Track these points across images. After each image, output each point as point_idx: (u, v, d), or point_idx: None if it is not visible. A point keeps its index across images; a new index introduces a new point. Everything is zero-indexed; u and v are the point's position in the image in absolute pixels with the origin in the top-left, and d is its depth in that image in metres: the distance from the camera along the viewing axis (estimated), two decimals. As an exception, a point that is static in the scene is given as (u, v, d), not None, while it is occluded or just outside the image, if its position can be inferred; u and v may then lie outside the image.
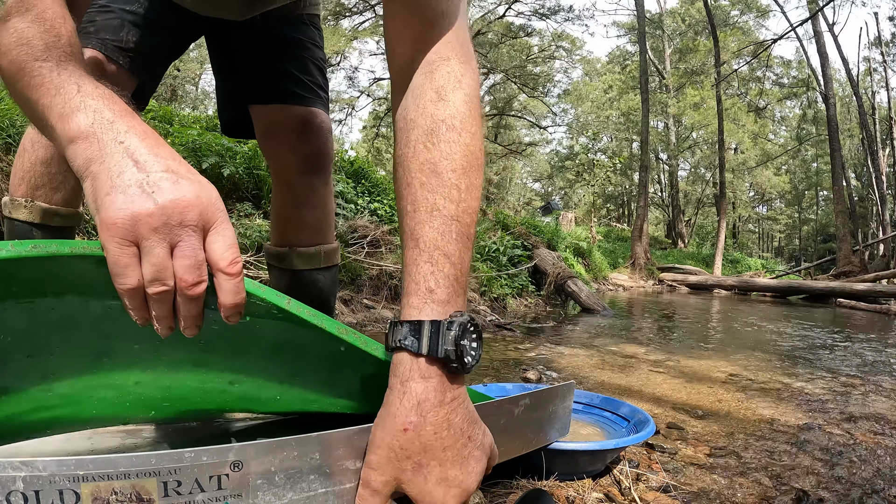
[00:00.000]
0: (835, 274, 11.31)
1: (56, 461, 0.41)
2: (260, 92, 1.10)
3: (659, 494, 0.91)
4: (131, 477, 0.43)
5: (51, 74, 0.49)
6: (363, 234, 3.70)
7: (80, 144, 0.45)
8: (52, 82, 0.48)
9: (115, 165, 0.44)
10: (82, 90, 0.48)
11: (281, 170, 1.13)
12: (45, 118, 0.48)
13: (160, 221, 0.43)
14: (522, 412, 0.73)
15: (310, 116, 1.10)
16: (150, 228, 0.43)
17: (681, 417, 1.43)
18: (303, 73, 1.10)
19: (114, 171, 0.44)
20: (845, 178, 14.22)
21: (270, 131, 1.11)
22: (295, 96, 1.09)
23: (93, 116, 0.46)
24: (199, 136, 3.55)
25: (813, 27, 13.21)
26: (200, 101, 24.71)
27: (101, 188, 0.43)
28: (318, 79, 1.13)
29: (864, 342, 3.14)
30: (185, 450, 0.45)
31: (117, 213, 0.42)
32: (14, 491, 0.40)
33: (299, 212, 1.13)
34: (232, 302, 0.46)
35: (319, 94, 1.13)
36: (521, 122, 24.35)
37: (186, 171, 0.46)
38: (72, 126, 0.46)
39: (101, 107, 0.47)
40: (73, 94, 0.47)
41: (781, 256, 34.16)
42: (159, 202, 0.43)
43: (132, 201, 0.43)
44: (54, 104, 0.47)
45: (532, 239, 5.57)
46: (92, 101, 0.47)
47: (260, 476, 0.48)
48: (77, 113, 0.46)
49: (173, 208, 0.43)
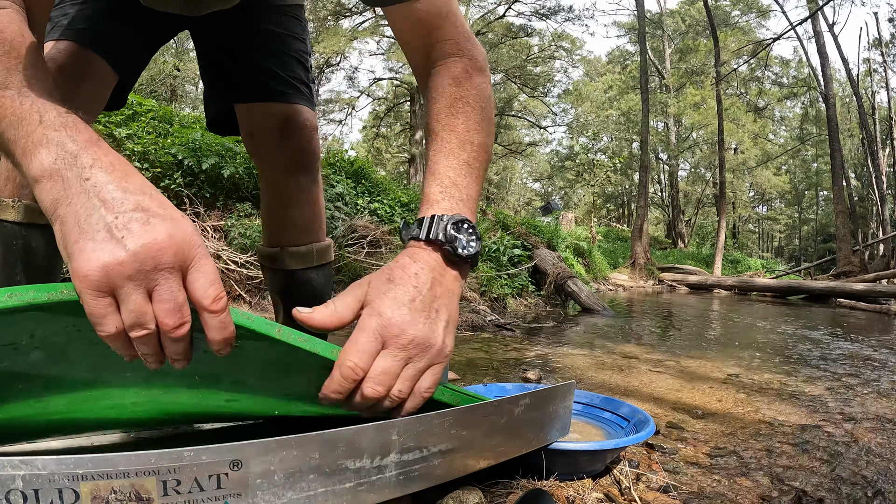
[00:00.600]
0: (835, 274, 11.31)
1: (55, 460, 0.41)
2: (239, 90, 1.07)
3: (659, 494, 0.91)
4: (130, 476, 0.42)
5: (13, 104, 0.46)
6: (363, 234, 3.70)
7: (46, 184, 0.43)
8: (14, 112, 0.46)
9: (82, 207, 0.42)
10: (44, 120, 0.45)
11: (267, 169, 1.10)
12: (10, 152, 0.46)
13: (133, 269, 0.41)
14: (523, 412, 0.73)
15: (292, 114, 1.06)
16: (123, 277, 0.41)
17: (681, 417, 1.43)
18: (281, 69, 1.06)
19: (81, 215, 0.42)
20: (845, 178, 14.21)
21: (253, 132, 1.08)
22: (274, 93, 1.05)
23: (55, 152, 0.44)
24: (200, 137, 3.55)
25: (813, 27, 13.21)
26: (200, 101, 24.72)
27: (70, 235, 0.42)
28: (298, 73, 1.08)
29: (865, 342, 3.14)
30: (184, 449, 0.44)
31: (87, 265, 0.40)
32: (13, 489, 0.40)
33: (288, 211, 1.11)
34: (220, 337, 0.46)
35: (301, 89, 1.08)
36: (522, 122, 24.34)
37: (158, 207, 0.44)
38: (35, 164, 0.44)
39: (63, 139, 0.45)
40: (35, 125, 0.45)
41: (781, 256, 34.17)
42: (130, 249, 0.41)
43: (102, 249, 0.41)
44: (18, 138, 0.45)
45: (532, 239, 5.57)
46: (55, 132, 0.45)
47: (259, 475, 0.48)
48: (40, 149, 0.44)
49: (146, 253, 0.41)
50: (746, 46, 18.79)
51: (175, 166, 3.36)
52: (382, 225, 3.89)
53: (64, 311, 0.44)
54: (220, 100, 1.11)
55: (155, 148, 3.29)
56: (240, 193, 3.69)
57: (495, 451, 0.72)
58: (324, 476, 0.51)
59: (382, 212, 4.17)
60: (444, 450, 0.63)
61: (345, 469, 0.53)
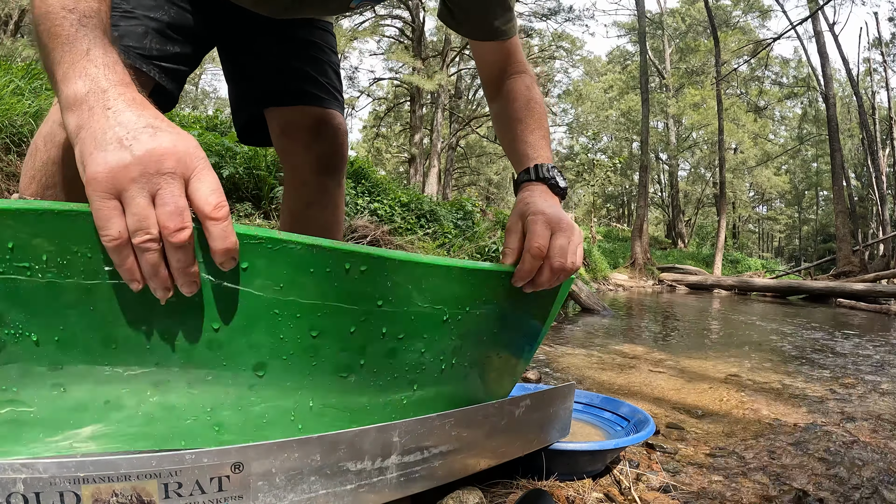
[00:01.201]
0: (835, 274, 11.31)
1: (56, 462, 0.41)
2: (277, 94, 1.11)
3: (659, 494, 0.91)
4: (132, 479, 0.43)
5: (70, 28, 0.50)
6: (363, 234, 3.70)
7: (75, 111, 0.47)
8: (68, 37, 0.50)
9: (100, 128, 0.45)
10: (90, 54, 0.49)
11: (295, 168, 1.14)
12: (52, 72, 0.50)
13: (137, 171, 0.44)
14: (523, 413, 0.73)
15: (326, 117, 1.11)
16: (128, 179, 0.44)
17: (681, 417, 1.43)
18: (320, 75, 1.12)
19: (98, 133, 0.45)
20: (845, 178, 14.21)
21: (286, 130, 1.12)
22: (311, 96, 1.10)
23: (90, 85, 0.48)
24: (200, 137, 3.55)
25: (813, 26, 13.21)
26: (200, 101, 24.70)
27: (86, 149, 0.45)
28: (334, 82, 1.15)
29: (864, 342, 3.14)
30: (185, 451, 0.45)
31: (96, 168, 0.44)
32: (14, 493, 0.40)
33: (310, 211, 1.14)
34: (222, 247, 0.47)
35: (336, 96, 1.14)
36: (521, 122, 24.32)
37: (167, 126, 0.47)
38: (69, 90, 0.48)
39: (99, 75, 0.49)
40: (81, 56, 0.49)
41: (781, 256, 34.17)
42: (136, 153, 0.44)
43: (110, 155, 0.44)
44: (63, 61, 0.49)
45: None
46: (94, 68, 0.49)
47: (261, 477, 0.48)
48: (77, 80, 0.48)
49: (149, 157, 0.44)
50: (747, 46, 18.79)
51: (175, 166, 3.36)
52: (382, 225, 3.89)
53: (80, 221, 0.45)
54: (254, 104, 1.14)
55: (155, 148, 3.29)
56: (240, 193, 3.69)
57: (496, 451, 0.72)
58: (325, 478, 0.52)
59: (382, 212, 4.17)
60: (445, 451, 0.63)
61: (346, 471, 0.53)
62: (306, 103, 1.10)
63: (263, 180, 3.65)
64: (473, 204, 5.70)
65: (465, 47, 18.16)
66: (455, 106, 19.90)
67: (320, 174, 1.12)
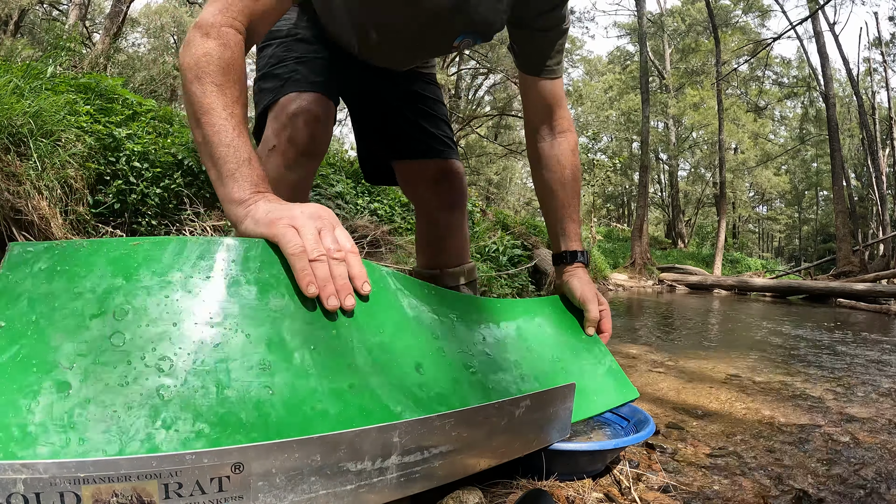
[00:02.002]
0: (835, 274, 11.31)
1: (57, 463, 0.41)
2: (405, 150, 1.29)
3: (659, 494, 0.91)
4: (132, 479, 0.43)
5: (233, 133, 0.68)
6: (363, 234, 3.70)
7: (241, 206, 0.67)
8: (231, 142, 0.68)
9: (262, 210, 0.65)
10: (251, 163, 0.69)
11: (424, 208, 1.34)
12: (213, 164, 0.68)
13: (307, 216, 0.64)
14: (523, 413, 0.73)
15: (447, 166, 1.29)
16: (303, 219, 0.63)
17: (681, 417, 1.43)
18: (436, 129, 1.29)
19: (260, 213, 0.65)
20: (845, 178, 14.21)
21: (412, 181, 1.31)
22: (433, 151, 1.28)
23: (251, 189, 0.68)
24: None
25: (813, 26, 13.20)
26: (200, 100, 24.67)
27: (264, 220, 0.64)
28: (447, 132, 1.32)
29: (864, 342, 3.14)
30: (185, 452, 0.45)
31: (276, 215, 0.64)
32: (14, 493, 0.40)
33: (443, 241, 1.34)
34: (359, 271, 0.65)
35: (451, 145, 1.32)
36: (521, 122, 24.34)
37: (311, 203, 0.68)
38: (237, 193, 0.67)
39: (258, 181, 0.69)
40: (244, 163, 0.68)
41: (781, 256, 34.17)
42: (304, 210, 0.65)
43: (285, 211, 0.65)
44: (227, 161, 0.67)
45: (532, 239, 5.57)
46: (255, 175, 0.68)
47: (261, 478, 0.48)
48: (244, 182, 0.68)
49: (313, 211, 0.65)
50: (747, 46, 18.78)
51: (175, 166, 3.36)
52: (382, 225, 3.89)
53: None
54: (381, 157, 1.33)
55: (155, 148, 3.28)
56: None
57: (496, 452, 0.72)
58: (325, 478, 0.52)
59: (382, 212, 4.17)
60: (446, 451, 0.63)
61: (346, 471, 0.53)
62: (429, 157, 1.27)
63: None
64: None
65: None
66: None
67: (447, 211, 1.31)
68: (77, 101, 3.20)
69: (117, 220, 3.11)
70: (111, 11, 8.06)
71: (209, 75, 0.69)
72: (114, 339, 0.50)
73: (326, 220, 0.65)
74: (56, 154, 2.67)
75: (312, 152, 1.03)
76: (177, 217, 3.32)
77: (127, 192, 3.09)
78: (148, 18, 20.74)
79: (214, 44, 0.71)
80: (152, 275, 0.55)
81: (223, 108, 0.68)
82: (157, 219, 3.22)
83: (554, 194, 1.10)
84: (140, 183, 3.15)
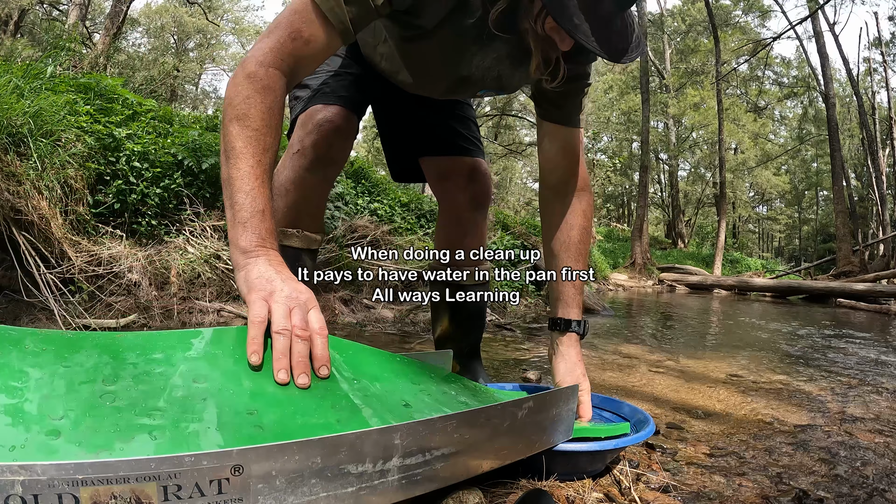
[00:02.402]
0: (835, 274, 11.31)
1: (55, 465, 0.41)
2: (435, 147, 1.34)
3: (659, 494, 0.91)
4: (131, 481, 0.42)
5: (256, 182, 0.73)
6: (363, 234, 3.70)
7: (245, 255, 0.72)
8: (252, 189, 0.73)
9: (258, 271, 0.72)
10: (264, 215, 0.74)
11: (451, 207, 1.37)
12: (231, 207, 0.74)
13: (283, 296, 0.69)
14: (526, 415, 0.73)
15: (476, 165, 1.34)
16: (280, 298, 0.69)
17: (681, 417, 1.43)
18: (466, 130, 1.35)
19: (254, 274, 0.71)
20: (845, 178, 14.20)
21: (444, 176, 1.36)
22: (464, 149, 1.34)
23: (257, 241, 0.73)
24: (200, 137, 3.55)
25: (813, 26, 13.20)
26: (200, 100, 24.69)
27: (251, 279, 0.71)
28: (476, 134, 1.39)
29: (864, 342, 3.14)
30: (185, 454, 0.44)
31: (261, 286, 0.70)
32: (13, 495, 0.39)
33: (464, 240, 1.38)
34: (321, 353, 0.68)
35: (479, 146, 1.38)
36: (522, 122, 24.31)
37: (295, 281, 0.72)
38: (243, 239, 0.73)
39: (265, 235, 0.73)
40: (257, 213, 0.73)
41: (781, 256, 34.15)
42: (284, 291, 0.70)
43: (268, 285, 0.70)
44: (244, 208, 0.73)
45: (532, 239, 5.56)
46: (264, 229, 0.74)
47: (261, 480, 0.47)
48: (251, 233, 0.73)
49: (291, 292, 0.70)
50: (747, 46, 18.77)
51: (175, 166, 3.36)
52: (382, 225, 3.88)
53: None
54: (410, 156, 1.39)
55: (155, 148, 3.28)
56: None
57: (498, 454, 0.72)
58: (326, 480, 0.51)
59: (382, 212, 4.17)
60: (448, 453, 0.63)
61: (347, 473, 0.53)
62: (461, 154, 1.33)
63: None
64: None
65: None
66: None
67: (473, 210, 1.36)
68: (77, 101, 3.20)
69: (117, 220, 3.11)
70: (111, 11, 8.05)
71: (248, 119, 0.74)
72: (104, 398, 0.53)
73: (302, 301, 0.70)
74: (56, 154, 2.67)
75: (331, 159, 1.14)
76: (177, 217, 3.32)
77: (127, 192, 3.09)
78: (148, 18, 20.73)
79: (259, 87, 0.76)
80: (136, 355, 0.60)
81: (252, 155, 0.74)
82: (157, 219, 3.22)
83: (557, 257, 1.10)
84: (140, 183, 3.15)
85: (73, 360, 0.55)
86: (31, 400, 0.50)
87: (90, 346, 0.59)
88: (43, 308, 2.41)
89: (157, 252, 3.02)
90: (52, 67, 3.28)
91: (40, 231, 2.50)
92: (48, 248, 2.54)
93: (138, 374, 0.57)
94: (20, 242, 2.41)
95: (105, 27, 8.12)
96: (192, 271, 3.00)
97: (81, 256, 2.70)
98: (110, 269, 2.76)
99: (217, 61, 24.23)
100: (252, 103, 0.75)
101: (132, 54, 13.05)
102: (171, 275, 2.92)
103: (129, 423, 0.51)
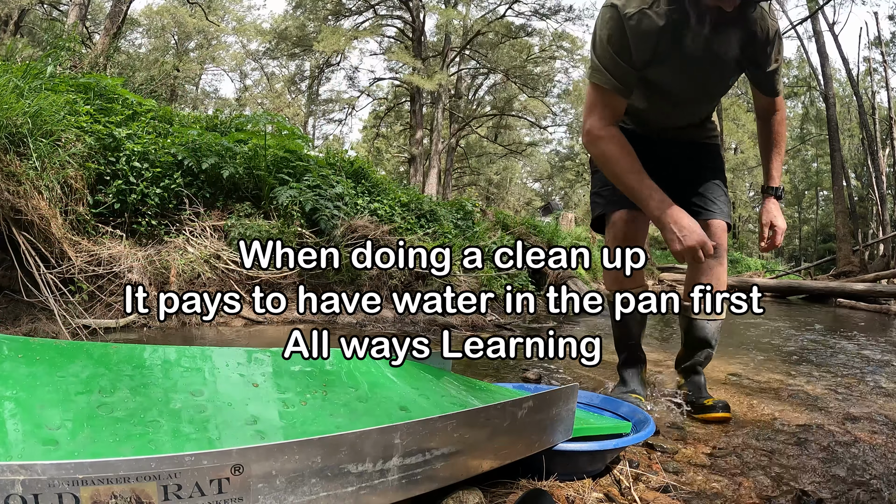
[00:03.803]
0: (835, 274, 11.30)
1: (55, 464, 0.41)
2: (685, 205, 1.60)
3: (659, 494, 0.91)
4: (131, 480, 0.42)
5: (639, 184, 1.29)
6: (363, 234, 3.70)
7: (656, 216, 1.26)
8: (640, 189, 1.29)
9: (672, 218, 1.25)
10: (652, 197, 1.28)
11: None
12: (639, 198, 1.30)
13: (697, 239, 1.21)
14: (526, 415, 0.73)
15: (709, 226, 1.57)
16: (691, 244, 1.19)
17: (681, 417, 1.43)
18: (705, 190, 1.61)
19: (671, 221, 1.24)
20: (845, 178, 14.19)
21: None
22: (698, 213, 1.56)
23: (656, 206, 1.27)
24: (199, 137, 3.55)
25: (813, 26, 13.20)
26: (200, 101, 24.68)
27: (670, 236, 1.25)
28: (718, 193, 1.63)
29: (864, 342, 3.14)
30: (185, 453, 0.44)
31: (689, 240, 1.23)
32: (13, 494, 0.40)
33: (704, 276, 1.61)
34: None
35: (719, 205, 1.61)
36: (522, 122, 24.31)
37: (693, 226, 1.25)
38: (652, 208, 1.27)
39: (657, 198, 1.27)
40: (647, 197, 1.28)
41: (781, 256, 34.12)
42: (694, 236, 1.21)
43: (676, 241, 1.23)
44: (645, 197, 1.28)
45: (532, 239, 5.56)
46: (657, 194, 1.27)
47: (261, 479, 0.47)
48: (652, 202, 1.27)
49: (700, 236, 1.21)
50: (746, 46, 18.69)
51: (175, 166, 3.36)
52: (382, 225, 3.88)
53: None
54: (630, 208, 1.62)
55: (155, 148, 3.28)
56: (239, 193, 3.68)
57: (498, 453, 0.72)
58: (326, 480, 0.51)
59: (382, 212, 4.17)
60: (448, 453, 0.63)
61: (347, 473, 0.53)
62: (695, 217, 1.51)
63: (263, 180, 3.64)
64: (473, 204, 5.70)
65: (464, 47, 18.16)
66: (455, 106, 19.89)
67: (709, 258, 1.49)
68: (77, 101, 3.19)
69: (117, 219, 3.10)
70: (111, 11, 8.06)
71: (618, 159, 1.30)
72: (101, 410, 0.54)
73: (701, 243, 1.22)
74: (56, 154, 2.67)
75: (630, 239, 1.56)
76: (176, 217, 3.32)
77: (127, 192, 3.09)
78: (148, 18, 20.73)
79: (607, 142, 1.32)
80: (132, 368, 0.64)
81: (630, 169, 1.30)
82: (156, 219, 3.22)
83: (766, 140, 1.57)
84: (140, 183, 3.14)
85: (67, 371, 0.56)
86: (27, 410, 0.50)
87: (84, 356, 0.59)
88: (43, 308, 2.41)
89: (157, 252, 3.02)
90: (52, 67, 3.28)
91: (40, 231, 2.50)
92: (48, 247, 2.54)
93: (135, 385, 0.57)
94: (20, 242, 2.41)
95: (105, 27, 8.12)
96: (192, 271, 3.00)
97: (81, 256, 2.70)
98: (110, 268, 2.76)
99: (217, 61, 24.21)
100: (612, 151, 1.31)
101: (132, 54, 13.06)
102: (170, 275, 2.92)
103: (128, 433, 0.51)
